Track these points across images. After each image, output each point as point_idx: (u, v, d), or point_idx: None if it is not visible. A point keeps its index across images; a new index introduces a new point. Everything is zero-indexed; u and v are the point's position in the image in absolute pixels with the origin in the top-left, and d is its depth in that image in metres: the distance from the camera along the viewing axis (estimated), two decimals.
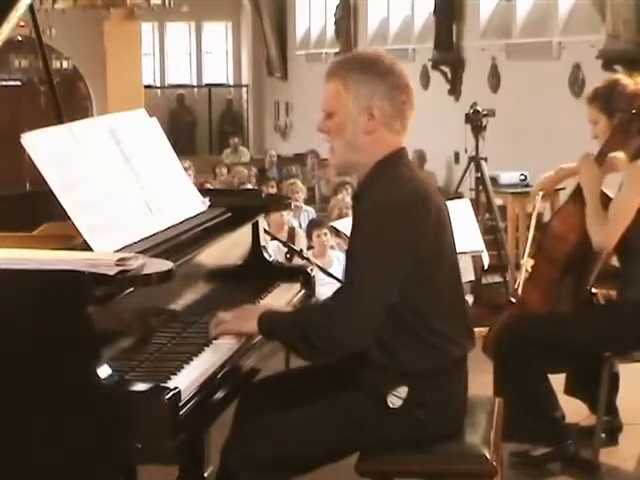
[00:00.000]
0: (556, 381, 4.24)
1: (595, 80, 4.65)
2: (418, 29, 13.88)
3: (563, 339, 4.11)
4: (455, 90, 12.63)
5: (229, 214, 3.50)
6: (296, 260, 6.11)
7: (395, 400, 2.88)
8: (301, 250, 5.59)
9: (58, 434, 2.48)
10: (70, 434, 2.47)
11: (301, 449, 2.93)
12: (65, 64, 18.59)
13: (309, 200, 11.43)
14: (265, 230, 4.17)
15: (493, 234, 7.53)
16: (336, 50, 15.47)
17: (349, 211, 7.83)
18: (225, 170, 13.77)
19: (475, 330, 3.09)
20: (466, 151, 7.85)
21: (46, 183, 2.80)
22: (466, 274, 6.18)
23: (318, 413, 2.95)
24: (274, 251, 5.97)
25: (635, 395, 4.70)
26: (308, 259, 4.89)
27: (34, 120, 8.25)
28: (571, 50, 10.13)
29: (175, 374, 2.65)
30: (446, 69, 12.71)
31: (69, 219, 2.80)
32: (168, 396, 2.44)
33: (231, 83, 21.95)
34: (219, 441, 3.08)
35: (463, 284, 3.17)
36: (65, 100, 4.11)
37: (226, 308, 3.05)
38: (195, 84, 21.92)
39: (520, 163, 9.31)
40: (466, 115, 7.62)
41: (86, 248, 2.76)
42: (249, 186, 11.33)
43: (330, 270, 5.67)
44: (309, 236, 7.83)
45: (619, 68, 8.51)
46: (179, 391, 2.48)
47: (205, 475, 3.59)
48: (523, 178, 8.56)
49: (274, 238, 5.53)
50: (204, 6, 19.02)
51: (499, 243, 7.51)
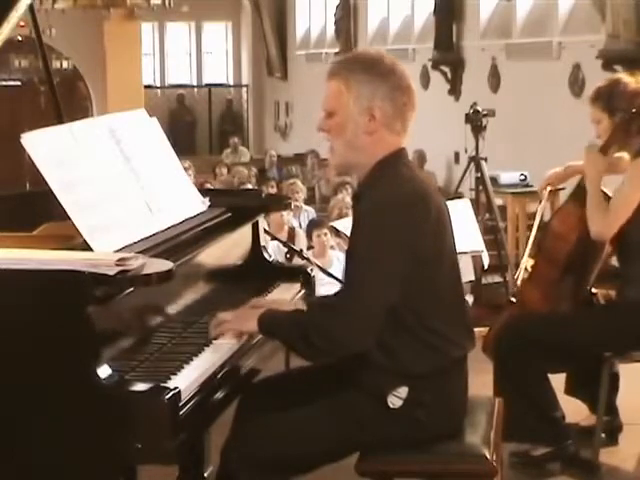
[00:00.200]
0: (556, 381, 4.24)
1: (595, 80, 4.65)
2: (418, 29, 13.87)
3: (563, 339, 4.11)
4: (455, 90, 12.63)
5: (229, 214, 3.49)
6: (296, 260, 6.11)
7: (395, 400, 2.88)
8: (301, 250, 5.60)
9: (58, 434, 2.48)
10: (70, 434, 2.47)
11: (301, 449, 2.93)
12: (65, 64, 18.58)
13: (309, 200, 11.42)
14: (265, 230, 4.17)
15: (493, 234, 7.52)
16: (336, 50, 15.47)
17: (349, 211, 7.83)
18: (225, 170, 13.77)
19: (475, 330, 3.09)
20: (466, 151, 7.85)
21: (46, 183, 2.80)
22: (466, 274, 6.17)
23: (318, 413, 2.94)
24: (274, 251, 5.95)
25: (635, 395, 4.70)
26: (308, 259, 4.89)
27: (34, 120, 8.26)
28: (571, 50, 10.12)
29: (175, 374, 2.65)
30: (446, 69, 12.71)
31: (69, 219, 2.80)
32: (168, 396, 2.44)
33: (231, 83, 21.94)
34: (219, 441, 3.08)
35: (463, 284, 3.16)
36: (65, 100, 4.10)
37: (226, 308, 3.05)
38: (195, 84, 21.90)
39: (520, 163, 9.30)
40: (466, 115, 7.62)
41: (86, 248, 2.76)
42: (249, 186, 11.32)
43: (330, 270, 5.67)
44: (309, 236, 7.82)
45: (619, 68, 8.51)
46: (179, 391, 2.49)
47: (205, 475, 3.59)
48: (523, 178, 8.55)
49: (274, 238, 5.53)
50: (204, 6, 19.01)
51: (499, 243, 7.51)
